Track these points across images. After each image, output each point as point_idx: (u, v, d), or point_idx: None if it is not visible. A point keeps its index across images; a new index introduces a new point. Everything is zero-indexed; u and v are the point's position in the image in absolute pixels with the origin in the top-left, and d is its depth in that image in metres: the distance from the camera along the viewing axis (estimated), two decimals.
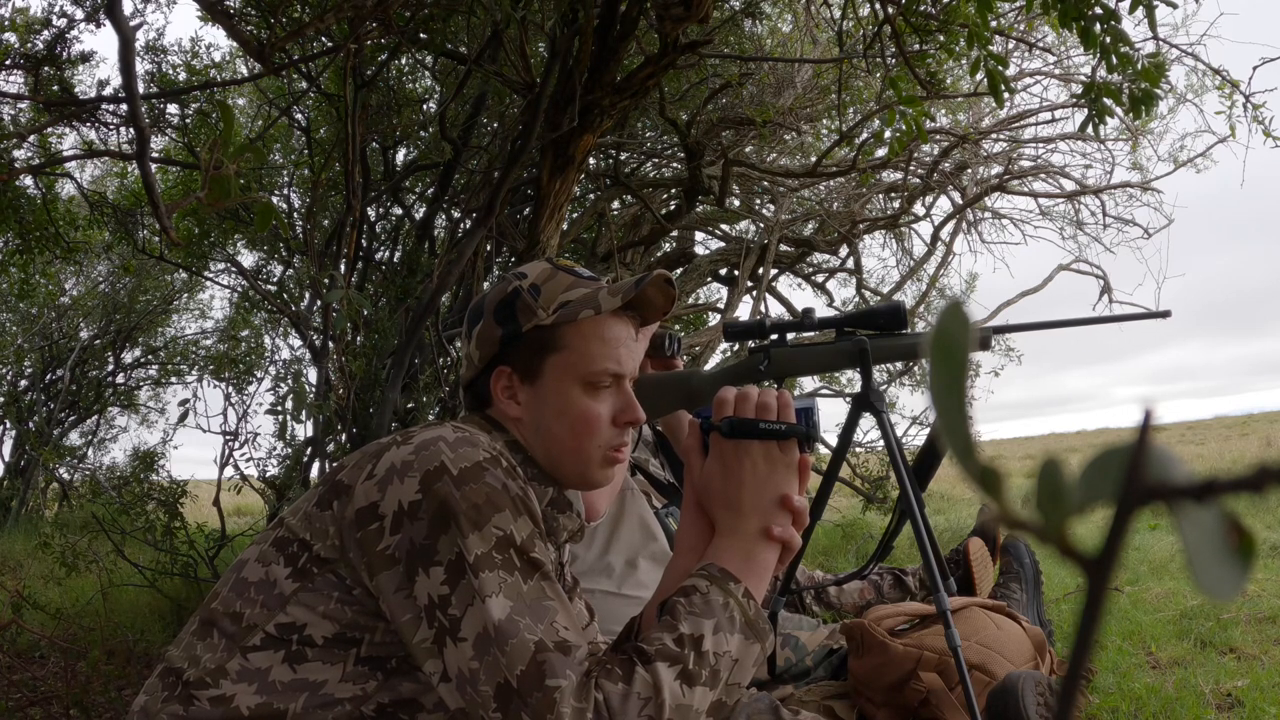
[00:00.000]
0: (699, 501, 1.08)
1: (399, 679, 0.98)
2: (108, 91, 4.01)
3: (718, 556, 1.02)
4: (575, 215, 4.82)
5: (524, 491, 1.00)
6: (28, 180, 3.42)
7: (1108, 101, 2.19)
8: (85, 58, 3.18)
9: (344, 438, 2.99)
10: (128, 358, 8.61)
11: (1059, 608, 2.74)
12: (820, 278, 6.49)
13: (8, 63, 2.94)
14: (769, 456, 1.03)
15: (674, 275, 5.76)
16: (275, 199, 4.47)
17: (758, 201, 5.86)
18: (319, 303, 3.18)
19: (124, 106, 2.78)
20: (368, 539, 0.95)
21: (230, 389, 3.40)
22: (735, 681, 0.96)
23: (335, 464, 1.15)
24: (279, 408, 2.55)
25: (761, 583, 1.01)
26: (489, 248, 3.60)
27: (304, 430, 3.02)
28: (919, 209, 5.96)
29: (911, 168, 5.15)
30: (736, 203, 5.43)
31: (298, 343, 4.11)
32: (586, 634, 1.25)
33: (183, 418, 3.16)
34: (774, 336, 1.87)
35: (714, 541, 1.04)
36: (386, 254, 4.51)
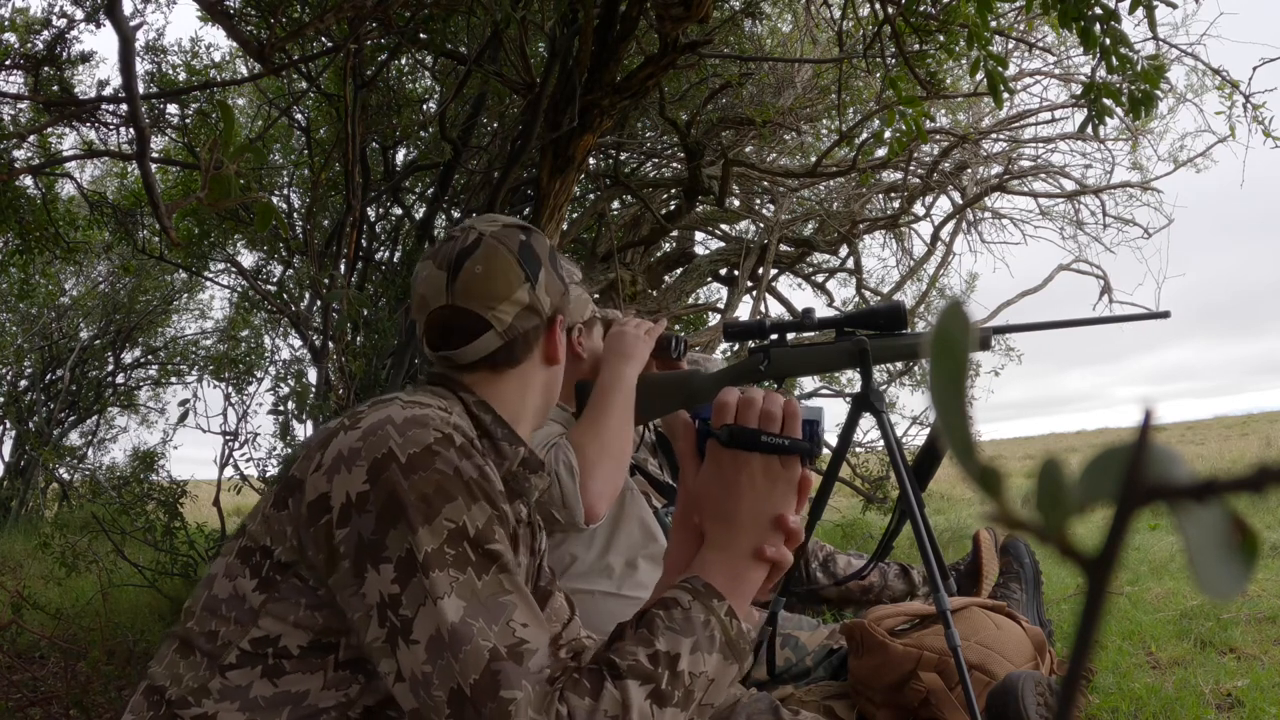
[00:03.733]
0: (690, 512, 1.02)
1: (380, 679, 0.95)
2: (108, 91, 4.01)
3: (704, 570, 0.96)
4: (575, 215, 4.82)
5: (479, 471, 0.96)
6: (28, 180, 3.42)
7: (1108, 102, 2.19)
8: (85, 58, 3.18)
9: None
10: (128, 358, 8.61)
11: (1059, 608, 2.74)
12: (820, 278, 6.49)
13: (8, 63, 2.94)
14: (769, 471, 0.96)
15: (674, 275, 5.77)
16: (275, 199, 4.47)
17: (758, 201, 5.86)
18: (319, 303, 3.18)
19: (124, 106, 2.78)
20: (320, 533, 0.93)
21: (230, 389, 3.40)
22: (708, 702, 0.93)
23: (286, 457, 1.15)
24: (280, 408, 2.55)
25: (746, 601, 0.97)
26: None
27: (304, 430, 3.02)
28: (919, 209, 5.96)
29: (911, 168, 5.15)
30: (736, 203, 5.43)
31: (298, 343, 4.10)
32: (569, 630, 1.23)
33: (183, 418, 3.17)
34: (774, 336, 1.87)
35: (701, 553, 0.98)
36: (386, 254, 4.51)
